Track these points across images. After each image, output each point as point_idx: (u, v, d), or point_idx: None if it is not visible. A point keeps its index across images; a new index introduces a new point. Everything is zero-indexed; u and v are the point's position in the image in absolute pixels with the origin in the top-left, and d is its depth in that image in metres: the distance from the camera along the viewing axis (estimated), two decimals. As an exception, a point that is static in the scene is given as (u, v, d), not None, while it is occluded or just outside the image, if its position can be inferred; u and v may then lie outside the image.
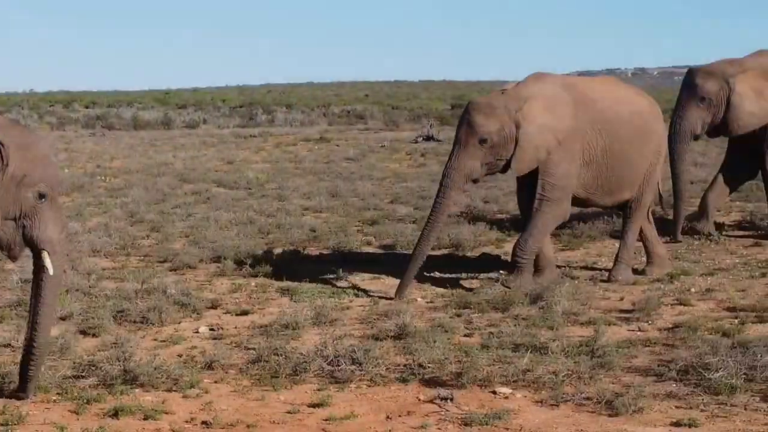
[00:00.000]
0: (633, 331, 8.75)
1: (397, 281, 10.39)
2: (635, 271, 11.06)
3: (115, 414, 6.71)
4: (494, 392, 7.06)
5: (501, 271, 11.01)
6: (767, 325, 8.71)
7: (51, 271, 6.80)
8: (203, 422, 6.63)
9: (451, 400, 6.87)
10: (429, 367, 7.51)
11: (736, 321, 8.88)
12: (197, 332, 8.95)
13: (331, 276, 10.93)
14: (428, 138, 27.84)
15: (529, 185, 10.54)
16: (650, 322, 8.99)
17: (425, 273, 10.92)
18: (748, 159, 13.70)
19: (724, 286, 10.35)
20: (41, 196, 6.72)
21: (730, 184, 13.90)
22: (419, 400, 7.00)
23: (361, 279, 11.02)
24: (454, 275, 11.13)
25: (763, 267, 11.30)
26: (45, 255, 6.77)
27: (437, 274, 11.07)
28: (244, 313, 9.57)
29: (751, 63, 13.33)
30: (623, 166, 10.79)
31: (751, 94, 13.13)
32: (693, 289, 10.28)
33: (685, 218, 13.84)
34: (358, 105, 45.84)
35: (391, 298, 10.00)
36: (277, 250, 12.63)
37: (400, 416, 6.70)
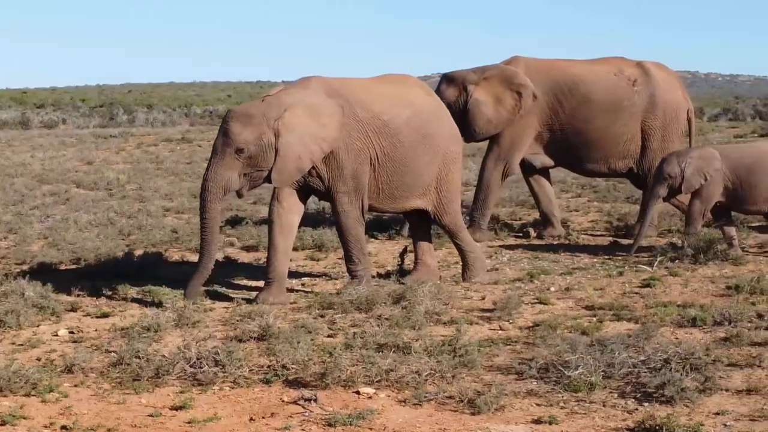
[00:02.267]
0: (494, 330, 8.85)
1: (260, 283, 10.36)
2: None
3: (-29, 420, 6.56)
4: (358, 392, 7.06)
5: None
6: (624, 323, 8.88)
7: None
8: (62, 427, 6.51)
9: (315, 400, 6.86)
10: (292, 368, 7.48)
11: (595, 319, 9.05)
12: (56, 335, 8.80)
13: (194, 277, 10.84)
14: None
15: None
16: (511, 320, 9.10)
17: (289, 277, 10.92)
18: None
19: (583, 285, 10.54)
20: None
21: (543, 182, 14.28)
22: (283, 401, 6.97)
23: (224, 280, 10.96)
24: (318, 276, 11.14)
25: (620, 266, 11.53)
26: None
27: (295, 280, 11.05)
28: (105, 315, 9.44)
29: (493, 71, 13.77)
30: (404, 172, 10.48)
31: (490, 102, 13.59)
32: (552, 288, 10.45)
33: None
34: (220, 105, 45.58)
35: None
36: (138, 252, 12.48)
37: (263, 418, 6.67)
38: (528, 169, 14.22)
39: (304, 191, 10.31)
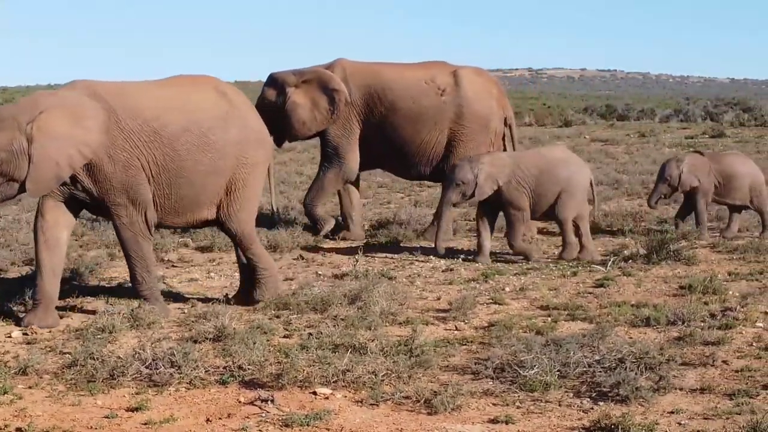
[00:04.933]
0: (450, 330, 8.87)
1: (217, 283, 10.34)
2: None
3: (-76, 422, 6.51)
4: (314, 393, 7.06)
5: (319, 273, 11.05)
6: (579, 323, 8.93)
7: None
8: (17, 429, 6.47)
9: (272, 401, 6.86)
10: (248, 368, 7.47)
11: (549, 319, 9.10)
12: (10, 337, 8.73)
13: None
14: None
15: None
16: (466, 321, 9.13)
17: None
18: None
19: (537, 285, 10.58)
20: None
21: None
22: (239, 402, 6.96)
23: (179, 281, 10.93)
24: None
25: (574, 266, 11.58)
26: None
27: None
28: (59, 316, 9.38)
29: (311, 75, 13.78)
30: (184, 184, 9.49)
31: (307, 105, 13.65)
32: (507, 288, 10.49)
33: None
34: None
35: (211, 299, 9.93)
36: (92, 253, 12.43)
37: (220, 419, 6.66)
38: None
39: (72, 204, 9.39)
